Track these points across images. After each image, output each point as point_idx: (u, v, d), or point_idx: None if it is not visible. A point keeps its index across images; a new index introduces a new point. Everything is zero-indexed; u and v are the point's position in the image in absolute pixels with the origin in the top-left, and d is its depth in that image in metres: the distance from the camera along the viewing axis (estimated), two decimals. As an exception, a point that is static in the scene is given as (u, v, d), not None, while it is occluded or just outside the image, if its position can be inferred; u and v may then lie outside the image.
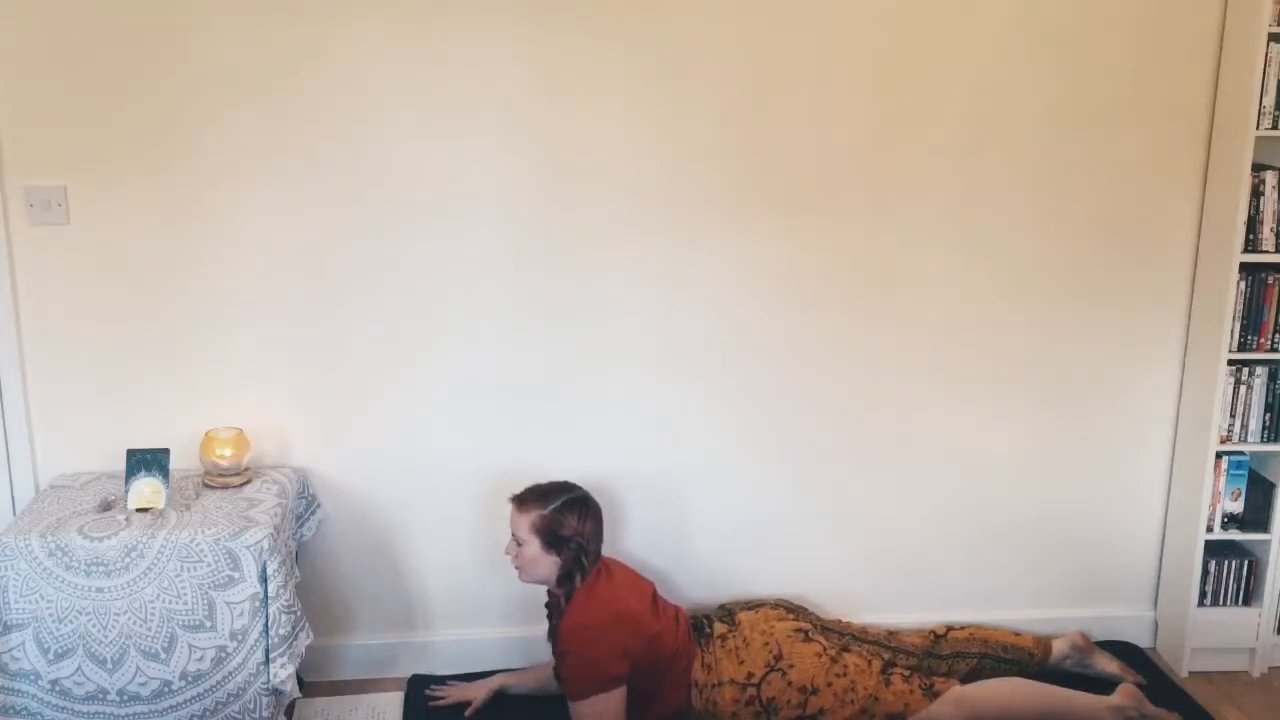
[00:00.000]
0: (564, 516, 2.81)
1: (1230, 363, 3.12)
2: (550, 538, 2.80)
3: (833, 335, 3.18)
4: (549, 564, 2.82)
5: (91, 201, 2.88)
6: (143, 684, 2.66)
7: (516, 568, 2.87)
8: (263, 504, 2.79)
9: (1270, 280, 3.09)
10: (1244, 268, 3.07)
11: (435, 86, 2.91)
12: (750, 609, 3.08)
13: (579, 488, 2.90)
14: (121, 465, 2.87)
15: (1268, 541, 3.23)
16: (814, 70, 3.00)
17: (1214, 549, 3.28)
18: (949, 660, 3.09)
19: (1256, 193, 3.03)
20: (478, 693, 3.05)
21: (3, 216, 2.86)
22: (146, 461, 2.76)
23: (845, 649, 2.95)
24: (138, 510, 2.74)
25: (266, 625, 2.68)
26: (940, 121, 3.07)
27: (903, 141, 3.07)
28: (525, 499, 2.85)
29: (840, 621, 3.17)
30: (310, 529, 3.05)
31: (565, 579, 2.81)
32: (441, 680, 3.16)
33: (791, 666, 2.87)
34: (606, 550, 2.96)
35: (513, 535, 2.86)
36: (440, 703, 3.06)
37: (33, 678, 2.63)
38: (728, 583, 3.31)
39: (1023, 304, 3.21)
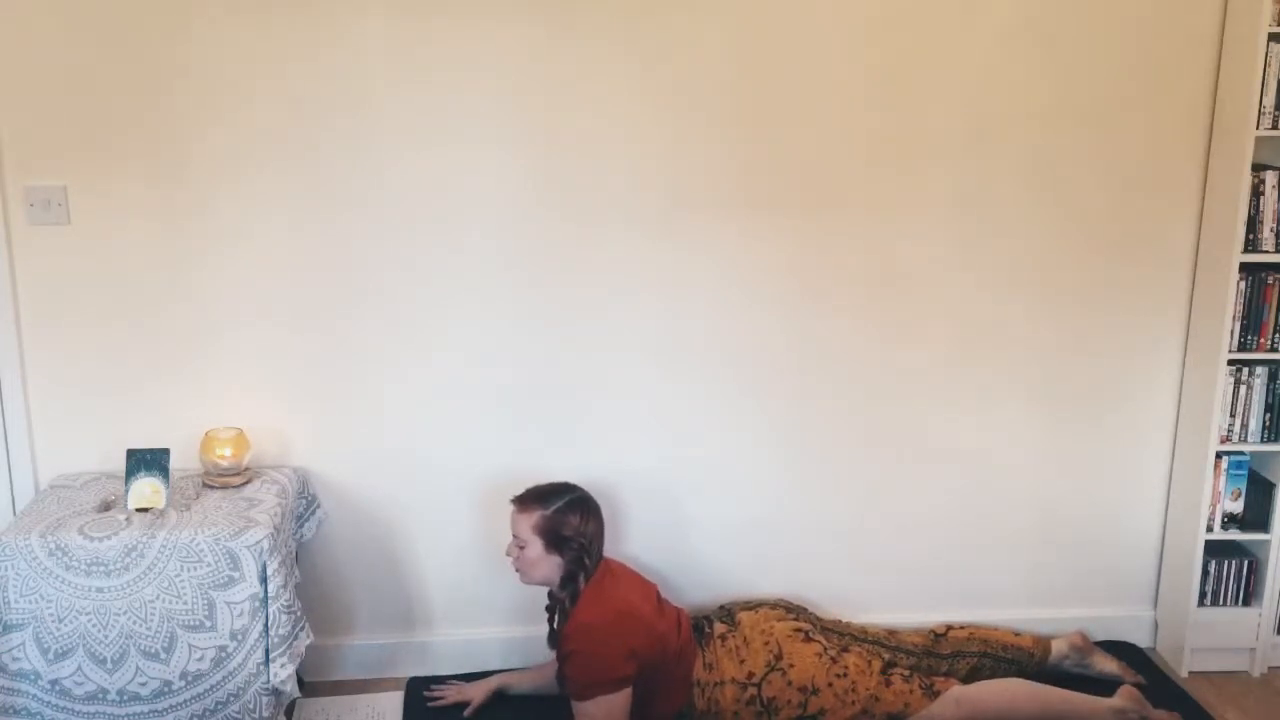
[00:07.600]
0: (566, 517, 2.81)
1: (1230, 363, 3.12)
2: (552, 538, 2.80)
3: (832, 336, 3.18)
4: (551, 565, 2.82)
5: (91, 201, 2.88)
6: (143, 684, 2.66)
7: (517, 570, 2.87)
8: (263, 504, 2.79)
9: (1270, 280, 3.09)
10: (1244, 268, 3.07)
11: (435, 88, 2.91)
12: (750, 609, 3.08)
13: (580, 488, 2.90)
14: (121, 465, 2.87)
15: (1268, 541, 3.23)
16: (814, 70, 3.00)
17: (1214, 549, 3.27)
18: (949, 660, 3.09)
19: (1256, 193, 3.03)
20: (477, 693, 3.05)
21: (3, 216, 2.86)
22: (146, 461, 2.76)
23: (845, 649, 2.95)
24: (138, 510, 2.74)
25: (266, 625, 2.68)
26: (940, 122, 3.07)
27: (903, 142, 3.07)
28: (526, 500, 2.85)
29: (840, 622, 3.17)
30: (310, 529, 3.05)
31: (568, 580, 2.81)
32: (441, 681, 3.16)
33: (791, 666, 2.87)
34: (607, 550, 2.96)
35: (514, 536, 2.85)
36: (439, 703, 3.06)
37: (33, 677, 2.63)
38: (727, 583, 3.31)
39: (1023, 304, 3.21)
